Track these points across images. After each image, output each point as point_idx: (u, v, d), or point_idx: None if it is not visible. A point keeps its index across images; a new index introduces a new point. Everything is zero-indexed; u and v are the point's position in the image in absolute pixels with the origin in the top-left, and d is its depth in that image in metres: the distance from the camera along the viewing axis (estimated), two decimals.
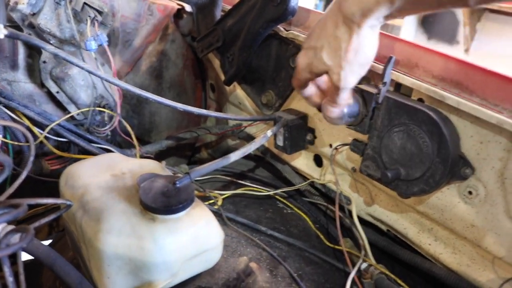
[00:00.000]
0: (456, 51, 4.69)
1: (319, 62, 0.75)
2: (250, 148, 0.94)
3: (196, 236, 0.76)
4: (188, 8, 1.47)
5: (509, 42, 4.09)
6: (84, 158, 1.06)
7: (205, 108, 1.69)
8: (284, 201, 1.15)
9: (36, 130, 1.12)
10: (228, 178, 1.26)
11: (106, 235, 0.71)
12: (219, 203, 1.06)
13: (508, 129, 0.74)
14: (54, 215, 0.70)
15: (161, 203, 0.74)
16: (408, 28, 5.00)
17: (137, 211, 0.76)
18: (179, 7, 1.48)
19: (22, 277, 0.63)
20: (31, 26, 1.10)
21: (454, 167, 0.81)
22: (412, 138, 0.83)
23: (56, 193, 0.89)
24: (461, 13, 4.38)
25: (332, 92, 0.79)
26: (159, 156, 1.43)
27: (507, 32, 4.17)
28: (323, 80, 0.86)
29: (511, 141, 0.76)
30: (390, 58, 0.82)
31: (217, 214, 1.00)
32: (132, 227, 0.72)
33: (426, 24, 5.06)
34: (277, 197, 1.17)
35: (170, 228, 0.74)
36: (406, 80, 0.87)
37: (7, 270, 0.60)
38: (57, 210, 0.72)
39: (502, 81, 0.76)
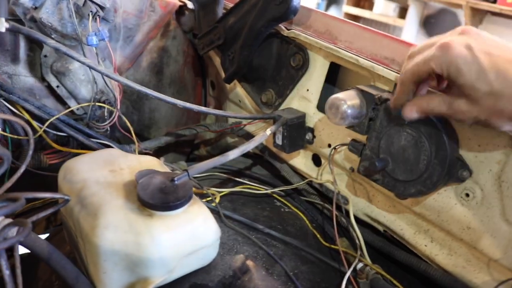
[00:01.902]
0: None
1: (471, 83, 0.65)
2: (248, 146, 0.95)
3: (193, 233, 0.76)
4: (190, 5, 1.47)
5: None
6: (83, 153, 1.06)
7: (205, 106, 1.69)
8: (282, 199, 1.16)
9: (35, 124, 1.12)
10: (226, 176, 1.26)
11: (103, 230, 0.72)
12: (217, 200, 1.06)
13: (507, 132, 0.74)
14: (52, 209, 0.70)
15: (159, 199, 0.75)
16: (410, 29, 5.00)
17: (134, 207, 0.76)
18: (181, 4, 1.49)
19: (18, 271, 0.63)
20: (33, 20, 1.10)
21: (451, 169, 0.81)
22: (410, 140, 0.83)
23: (54, 188, 0.89)
24: (462, 15, 4.38)
25: (435, 102, 0.73)
26: (158, 153, 1.43)
27: (508, 35, 4.18)
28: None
29: (509, 144, 0.76)
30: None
31: (214, 211, 1.00)
32: (129, 223, 0.73)
33: (428, 26, 5.06)
34: (274, 195, 1.17)
35: (167, 225, 0.74)
36: None
37: (3, 264, 0.60)
38: (55, 204, 0.72)
39: None
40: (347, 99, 0.87)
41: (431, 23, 5.02)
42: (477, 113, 0.67)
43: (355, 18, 5.53)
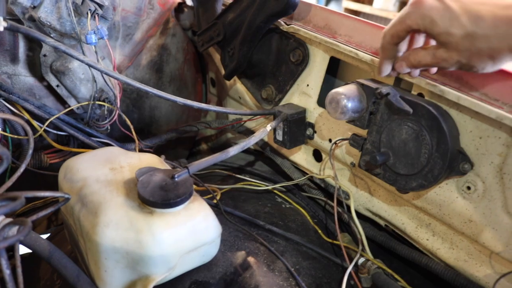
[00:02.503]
0: None
1: (447, 30, 0.67)
2: (249, 142, 0.94)
3: (194, 230, 0.76)
4: (189, 2, 1.47)
5: None
6: (82, 152, 1.07)
7: (206, 103, 1.69)
8: (283, 195, 1.15)
9: (35, 123, 1.12)
10: (227, 173, 1.26)
11: (103, 228, 0.72)
12: (218, 197, 1.06)
13: (508, 124, 0.73)
14: (52, 208, 0.70)
15: (159, 197, 0.75)
16: None
17: (135, 205, 0.76)
18: (180, 1, 1.49)
19: (19, 270, 0.63)
20: (32, 20, 1.10)
21: (453, 162, 0.81)
22: (411, 133, 0.82)
23: (55, 187, 0.89)
24: None
25: (420, 54, 0.75)
26: (158, 150, 1.43)
27: None
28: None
29: (510, 136, 0.76)
30: None
31: (215, 208, 1.00)
32: (130, 220, 0.73)
33: None
34: (275, 191, 1.17)
35: (168, 222, 0.74)
36: (406, 75, 0.87)
37: (4, 263, 0.60)
38: (55, 203, 0.72)
39: (502, 76, 0.76)
40: (347, 93, 0.87)
41: None
42: (458, 57, 0.69)
43: (355, 13, 5.50)
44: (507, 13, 0.63)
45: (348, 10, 5.42)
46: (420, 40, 0.81)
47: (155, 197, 0.74)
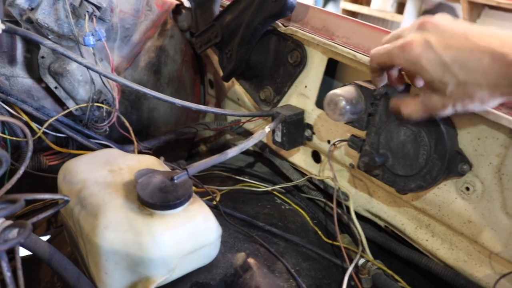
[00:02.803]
0: None
1: (440, 80, 0.67)
2: (247, 144, 0.95)
3: (194, 231, 0.76)
4: (186, 3, 1.47)
5: None
6: (81, 154, 1.06)
7: (204, 104, 1.69)
8: (282, 197, 1.16)
9: (34, 125, 1.12)
10: (226, 174, 1.26)
11: (103, 230, 0.72)
12: (217, 198, 1.06)
13: (506, 125, 0.74)
14: (52, 211, 0.70)
15: (159, 198, 0.75)
16: (408, 23, 4.99)
17: (134, 207, 0.76)
18: (178, 2, 1.49)
19: (20, 272, 0.63)
20: (29, 21, 1.10)
21: (451, 163, 0.81)
22: (410, 135, 0.83)
23: (54, 189, 0.89)
24: (460, 10, 4.37)
25: (411, 104, 0.76)
26: (157, 152, 1.43)
27: (506, 28, 4.16)
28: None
29: (508, 137, 0.76)
30: None
31: (215, 209, 1.00)
32: (129, 222, 0.73)
33: None
34: (275, 193, 1.17)
35: (168, 224, 0.74)
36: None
37: (5, 265, 0.60)
38: (55, 206, 0.72)
39: None
40: (345, 95, 0.87)
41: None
42: (452, 103, 0.69)
43: (353, 14, 5.51)
44: (497, 65, 0.63)
45: (346, 11, 5.44)
46: None
47: (155, 199, 0.74)
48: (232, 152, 0.90)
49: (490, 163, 0.80)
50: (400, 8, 5.07)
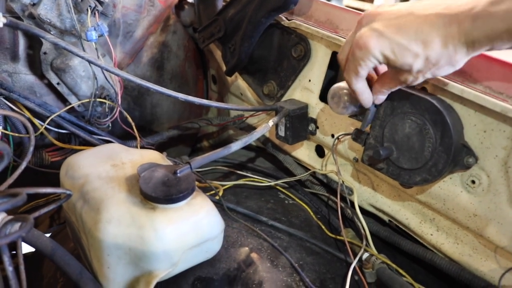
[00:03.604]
0: None
1: (404, 63, 0.70)
2: (251, 138, 0.94)
3: (197, 225, 0.75)
4: None
5: None
6: (84, 149, 1.06)
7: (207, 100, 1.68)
8: (286, 191, 1.15)
9: (37, 121, 1.12)
10: (229, 169, 1.25)
11: (106, 224, 0.71)
12: (220, 193, 1.05)
13: None
14: (54, 205, 0.70)
15: (161, 192, 0.74)
16: None
17: (137, 201, 0.76)
18: None
19: (22, 267, 0.63)
20: (31, 17, 1.09)
21: (457, 156, 0.80)
22: (415, 127, 0.82)
23: (57, 185, 0.89)
24: None
25: (386, 82, 0.79)
26: (160, 147, 1.43)
27: None
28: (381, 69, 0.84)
29: None
30: None
31: (218, 204, 0.99)
32: (132, 216, 0.72)
33: None
34: (278, 187, 1.16)
35: (171, 218, 0.73)
36: None
37: (6, 260, 0.60)
38: (57, 201, 0.72)
39: (506, 69, 0.75)
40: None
41: None
42: (422, 76, 0.72)
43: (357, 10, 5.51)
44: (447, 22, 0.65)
45: (349, 8, 5.42)
46: None
47: (157, 193, 0.74)
48: (235, 146, 0.90)
49: (496, 156, 0.79)
50: None
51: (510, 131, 0.76)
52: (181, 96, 0.99)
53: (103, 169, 0.84)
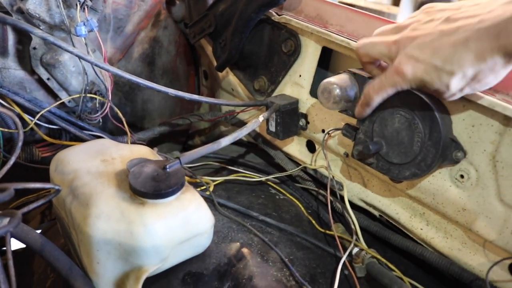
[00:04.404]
0: None
1: (441, 85, 0.71)
2: (241, 133, 0.94)
3: (186, 220, 0.75)
4: None
5: None
6: (74, 145, 1.06)
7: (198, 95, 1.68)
8: (277, 187, 1.15)
9: (26, 117, 1.11)
10: (220, 165, 1.25)
11: (95, 220, 0.71)
12: (211, 189, 1.05)
13: (500, 111, 0.73)
14: (43, 201, 0.70)
15: (151, 187, 0.74)
16: (404, 16, 4.99)
17: (126, 196, 0.75)
18: None
19: (10, 262, 0.63)
20: (20, 12, 1.08)
21: (446, 150, 0.80)
22: (404, 122, 0.82)
23: (47, 181, 0.89)
24: (457, 1, 4.39)
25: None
26: (151, 143, 1.43)
27: None
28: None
29: (502, 124, 0.76)
30: None
31: (208, 200, 0.99)
32: (121, 212, 0.72)
33: None
34: (269, 183, 1.17)
35: (160, 213, 0.73)
36: None
37: None
38: (47, 196, 0.71)
39: None
40: (339, 83, 0.86)
41: None
42: (461, 91, 0.72)
43: (349, 5, 5.50)
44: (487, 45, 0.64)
45: (343, 3, 5.42)
46: None
47: (147, 188, 0.74)
48: (225, 141, 0.90)
49: (484, 150, 0.79)
50: (396, 0, 5.06)
51: (497, 126, 0.76)
52: (172, 91, 0.99)
53: (93, 164, 0.84)
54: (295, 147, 1.21)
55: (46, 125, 1.16)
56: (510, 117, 0.74)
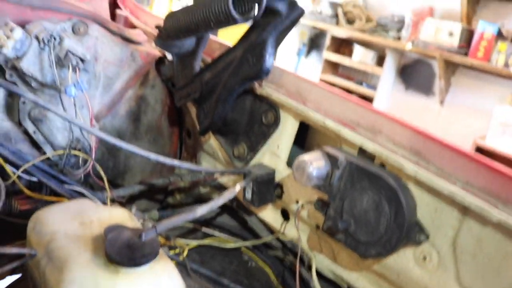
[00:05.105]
0: (431, 103, 4.86)
1: None
2: (217, 202, 0.97)
3: None
4: (170, 56, 1.52)
5: (480, 96, 4.33)
6: (54, 200, 1.07)
7: (181, 153, 1.71)
8: (250, 253, 1.17)
9: (9, 169, 1.13)
10: (195, 226, 1.27)
11: (68, 286, 0.72)
12: (185, 254, 1.07)
13: (459, 200, 0.78)
14: (17, 263, 0.71)
15: (125, 255, 0.76)
16: (387, 77, 5.15)
17: (101, 263, 0.77)
18: (161, 55, 1.53)
19: None
20: (14, 68, 1.13)
21: (410, 232, 0.85)
22: (372, 203, 0.87)
23: (24, 233, 0.90)
24: (437, 66, 4.56)
25: None
26: (131, 199, 1.44)
27: (479, 87, 4.37)
28: None
29: (461, 212, 0.80)
30: None
31: (182, 265, 1.01)
32: (94, 279, 0.74)
33: (404, 75, 5.22)
34: (243, 249, 1.19)
35: (133, 281, 0.75)
36: (369, 146, 0.92)
37: None
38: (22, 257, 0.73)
39: (455, 153, 0.81)
40: (313, 161, 0.91)
41: (407, 72, 5.18)
42: None
43: (335, 64, 5.68)
44: None
45: (328, 61, 5.59)
46: None
47: (121, 256, 0.76)
48: (201, 211, 0.93)
49: (446, 235, 0.84)
50: (380, 61, 5.23)
51: (457, 212, 0.81)
52: (153, 156, 1.03)
53: (71, 227, 0.86)
54: (270, 214, 1.24)
55: (27, 177, 1.18)
56: (467, 207, 0.78)
